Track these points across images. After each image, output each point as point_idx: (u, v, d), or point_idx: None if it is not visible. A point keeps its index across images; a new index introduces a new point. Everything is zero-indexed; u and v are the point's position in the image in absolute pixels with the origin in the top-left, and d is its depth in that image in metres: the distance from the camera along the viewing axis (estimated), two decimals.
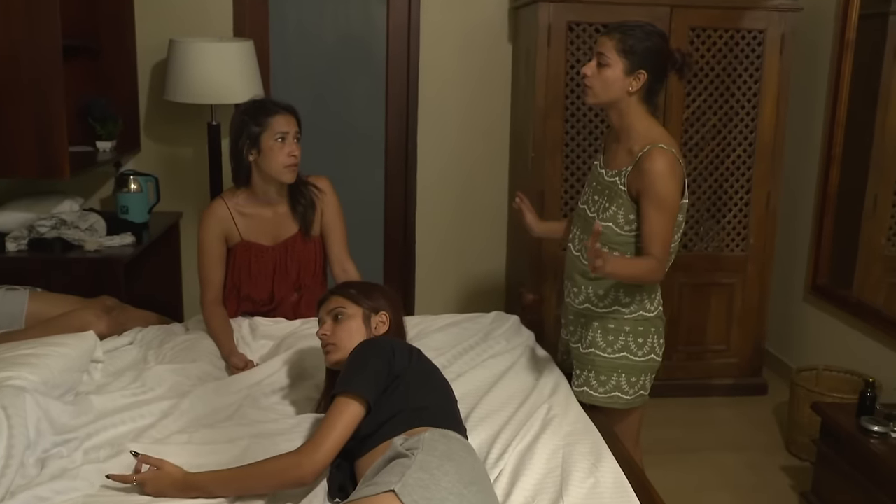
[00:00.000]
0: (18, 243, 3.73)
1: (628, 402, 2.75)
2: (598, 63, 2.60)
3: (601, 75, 2.60)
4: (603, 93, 2.62)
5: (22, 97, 3.45)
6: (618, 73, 2.58)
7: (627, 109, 2.62)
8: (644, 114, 2.64)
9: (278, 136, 3.05)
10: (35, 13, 3.38)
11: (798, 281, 4.69)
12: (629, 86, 2.58)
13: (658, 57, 2.60)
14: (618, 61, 2.57)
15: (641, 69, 2.57)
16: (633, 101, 2.61)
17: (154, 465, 2.11)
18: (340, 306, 2.40)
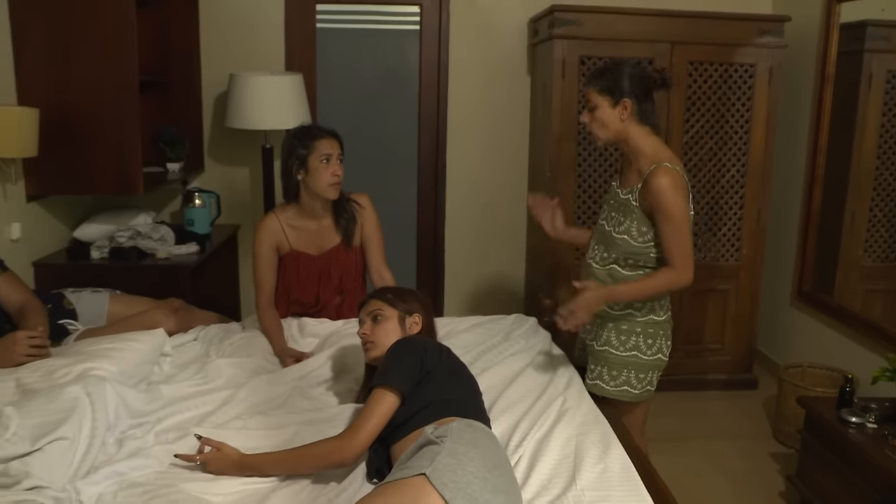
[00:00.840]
0: (101, 252, 3.78)
1: (636, 395, 2.73)
2: (588, 109, 2.64)
3: (596, 118, 2.63)
4: (603, 131, 2.64)
5: (105, 125, 3.50)
6: (606, 110, 2.60)
7: (629, 136, 2.62)
8: (647, 135, 2.62)
9: (323, 157, 3.06)
10: (117, 54, 3.44)
11: (785, 287, 4.65)
12: (620, 115, 2.59)
13: (635, 83, 2.60)
14: (602, 100, 2.60)
15: (624, 98, 2.58)
16: (631, 126, 2.61)
17: (215, 447, 2.13)
18: (379, 309, 2.40)
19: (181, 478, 2.08)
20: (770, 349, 4.82)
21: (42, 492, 1.87)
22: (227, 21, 4.46)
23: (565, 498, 1.99)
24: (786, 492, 3.50)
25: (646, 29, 4.15)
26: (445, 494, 1.69)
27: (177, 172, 4.28)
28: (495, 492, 1.77)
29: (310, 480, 2.07)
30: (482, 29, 4.63)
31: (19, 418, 2.08)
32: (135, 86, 3.49)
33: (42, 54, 3.44)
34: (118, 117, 3.49)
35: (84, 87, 3.46)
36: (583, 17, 4.09)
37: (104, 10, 3.40)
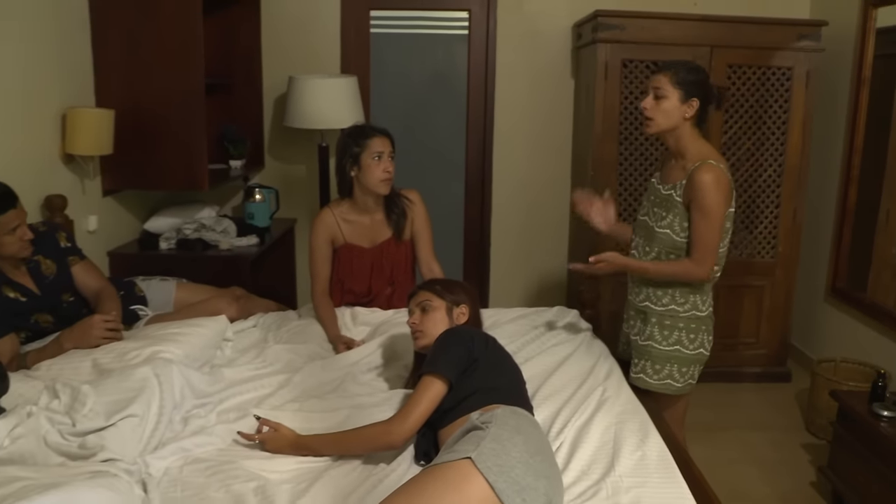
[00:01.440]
0: (169, 243, 3.85)
1: (678, 389, 2.69)
2: (655, 96, 2.56)
3: (660, 107, 2.55)
4: (664, 121, 2.57)
5: (173, 125, 3.56)
6: (674, 102, 2.53)
7: (683, 134, 2.57)
8: (696, 136, 2.59)
9: (375, 154, 3.07)
10: (185, 60, 3.51)
11: (819, 284, 4.55)
12: (685, 112, 2.54)
13: (703, 88, 2.56)
14: (673, 92, 2.53)
15: (694, 97, 2.53)
16: (687, 126, 2.56)
17: (272, 427, 2.16)
18: (427, 299, 2.40)
19: (241, 455, 2.12)
20: (804, 344, 4.73)
21: (115, 464, 1.92)
22: (286, 26, 4.49)
23: (604, 483, 1.98)
24: (817, 482, 3.44)
25: (687, 33, 4.09)
26: (489, 477, 1.69)
27: (239, 169, 4.34)
28: (537, 476, 1.77)
29: (360, 461, 2.09)
30: (528, 33, 4.61)
31: (95, 395, 2.15)
32: (201, 89, 3.55)
33: (118, 60, 3.52)
34: (186, 118, 3.56)
35: (155, 91, 3.53)
36: (626, 21, 4.05)
37: (174, 20, 3.47)
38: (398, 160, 3.18)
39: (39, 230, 2.77)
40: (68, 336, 2.59)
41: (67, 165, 3.37)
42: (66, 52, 3.34)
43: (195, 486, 1.95)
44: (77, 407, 2.12)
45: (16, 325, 2.66)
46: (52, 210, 3.16)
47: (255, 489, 1.93)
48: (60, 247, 2.86)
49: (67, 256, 2.88)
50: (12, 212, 2.52)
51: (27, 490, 1.66)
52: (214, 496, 1.90)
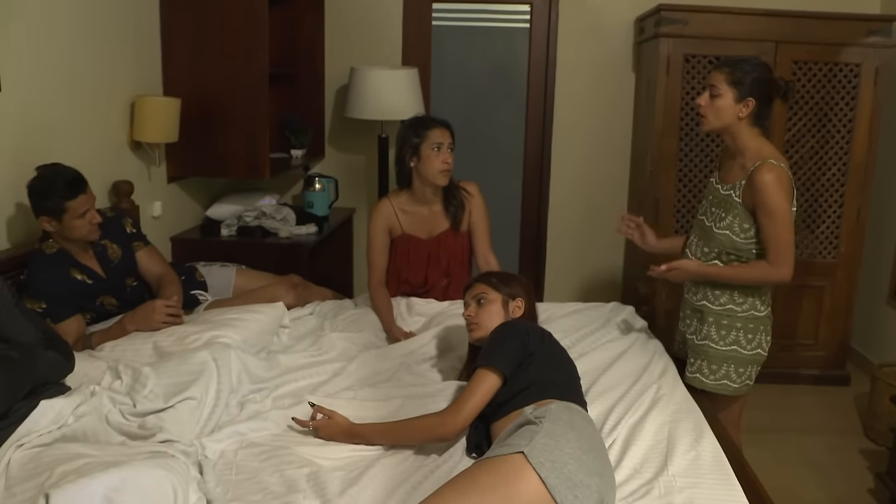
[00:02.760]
0: (230, 229, 3.89)
1: (735, 389, 2.61)
2: (711, 94, 2.49)
3: (713, 105, 2.48)
4: (716, 120, 2.49)
5: (237, 115, 3.61)
6: (728, 101, 2.45)
7: (739, 133, 2.49)
8: (755, 135, 2.50)
9: (435, 146, 3.05)
10: (250, 51, 3.55)
11: (883, 286, 4.39)
12: (739, 112, 2.46)
13: (763, 85, 2.47)
14: (728, 91, 2.45)
15: (750, 97, 2.44)
16: (743, 125, 2.48)
17: (326, 415, 2.16)
18: (483, 292, 2.36)
19: (295, 441, 2.12)
20: (864, 347, 4.57)
21: (173, 445, 1.94)
22: (349, 18, 4.50)
23: (656, 482, 1.94)
24: (875, 488, 3.32)
25: (751, 28, 3.97)
26: (541, 473, 1.66)
27: (299, 158, 4.36)
28: (590, 473, 1.73)
29: (412, 451, 2.08)
30: (589, 27, 4.53)
31: (155, 378, 2.18)
32: (265, 79, 3.58)
33: (185, 50, 3.57)
34: (249, 108, 3.59)
35: (220, 80, 3.57)
36: (689, 16, 3.95)
37: (240, 11, 3.51)
38: (457, 152, 3.15)
39: (107, 215, 2.81)
40: (131, 319, 2.64)
41: (135, 152, 3.42)
42: (136, 42, 3.39)
43: (249, 469, 1.96)
44: (138, 388, 2.15)
45: (82, 307, 2.72)
46: (119, 195, 3.21)
47: (307, 475, 1.93)
48: (126, 232, 2.91)
49: (132, 242, 2.92)
50: (82, 196, 2.57)
51: (89, 467, 1.68)
52: (268, 480, 1.90)
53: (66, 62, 2.93)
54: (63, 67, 2.91)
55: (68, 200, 2.54)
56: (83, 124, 3.04)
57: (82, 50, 3.01)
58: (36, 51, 2.76)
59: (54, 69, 2.87)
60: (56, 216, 2.55)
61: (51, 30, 2.83)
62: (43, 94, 2.82)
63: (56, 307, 2.58)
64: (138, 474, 1.67)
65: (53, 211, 2.54)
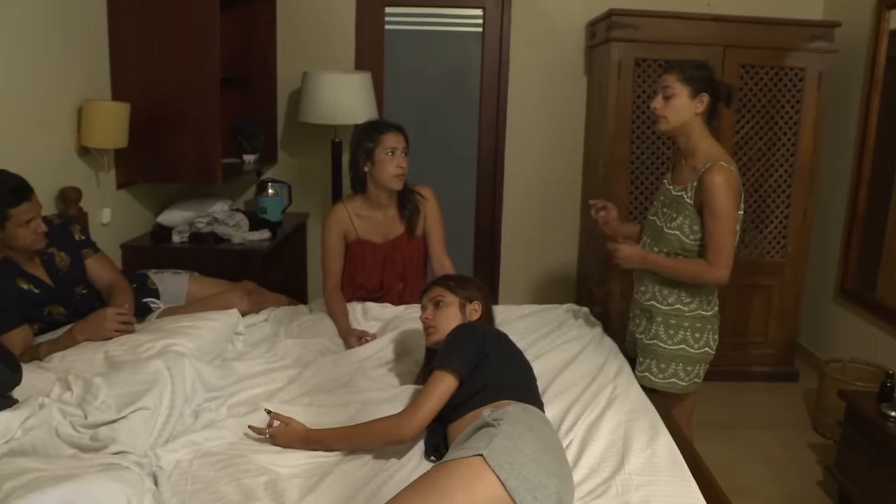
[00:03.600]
0: (181, 236, 3.83)
1: (683, 387, 2.66)
2: (665, 95, 2.53)
3: (670, 104, 2.53)
4: (675, 118, 2.53)
5: (189, 119, 3.56)
6: (684, 99, 2.51)
7: (693, 132, 2.54)
8: (707, 136, 2.56)
9: (389, 150, 3.04)
10: (202, 54, 3.51)
11: (828, 284, 4.52)
12: (695, 108, 2.51)
13: (714, 85, 2.54)
14: (682, 89, 2.50)
15: (703, 92, 2.51)
16: (698, 122, 2.54)
17: (283, 422, 2.14)
18: (440, 295, 2.37)
19: (252, 449, 2.10)
20: (812, 344, 4.69)
21: (127, 456, 1.91)
22: (302, 22, 4.47)
23: (614, 481, 1.96)
24: (824, 481, 3.41)
25: (700, 33, 4.05)
26: (501, 475, 1.67)
27: (252, 163, 4.32)
28: (549, 474, 1.74)
29: (371, 456, 2.07)
30: (542, 31, 4.57)
31: (107, 388, 2.14)
32: (217, 83, 3.54)
33: (134, 54, 3.51)
34: (201, 112, 3.54)
35: (171, 84, 3.52)
36: (640, 20, 4.01)
37: (191, 13, 3.46)
38: (411, 156, 3.15)
39: (54, 223, 2.75)
40: (81, 328, 2.58)
41: (83, 158, 3.36)
42: (83, 45, 3.33)
43: (205, 479, 1.93)
44: (89, 399, 2.11)
45: (29, 317, 2.65)
46: (67, 202, 3.15)
47: (265, 483, 1.91)
48: (75, 239, 2.85)
49: (81, 249, 2.86)
50: (26, 204, 2.51)
51: (39, 482, 1.64)
52: (225, 490, 1.88)
53: (9, 65, 2.85)
54: (5, 71, 2.83)
55: (11, 208, 2.47)
56: (28, 129, 2.97)
57: (25, 53, 2.94)
58: None
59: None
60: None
61: None
62: None
63: (1, 317, 2.51)
64: (91, 487, 1.63)
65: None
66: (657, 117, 2.57)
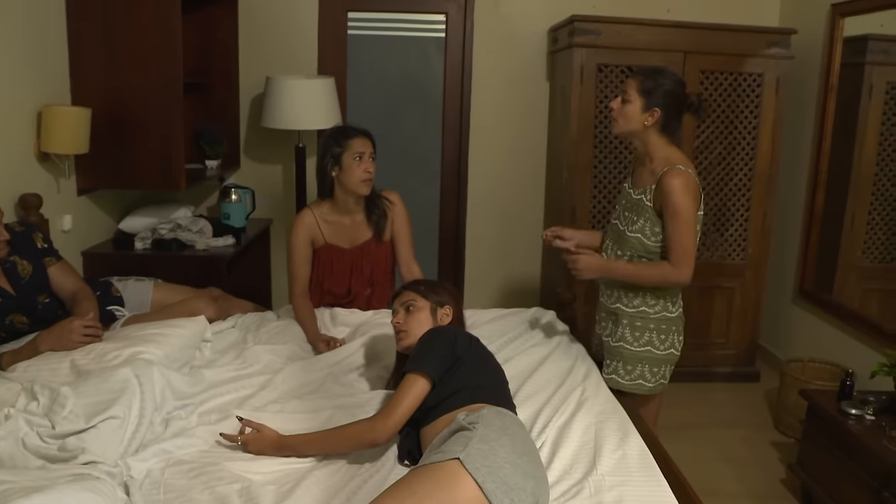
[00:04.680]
0: (144, 243, 3.79)
1: (650, 389, 2.70)
2: (623, 99, 2.58)
3: (623, 109, 2.58)
4: (624, 124, 2.59)
5: (150, 125, 3.52)
6: (636, 108, 2.55)
7: (647, 139, 2.59)
8: (663, 143, 2.59)
9: (356, 155, 3.05)
10: (163, 59, 3.47)
11: (788, 286, 4.62)
12: (645, 120, 2.55)
13: (673, 98, 2.56)
14: (637, 99, 2.55)
15: (655, 107, 2.54)
16: (650, 132, 2.57)
17: (255, 428, 2.13)
18: (412, 300, 2.38)
19: (224, 457, 2.09)
20: (772, 344, 4.79)
21: (97, 466, 1.89)
22: (264, 27, 4.46)
23: (586, 482, 1.99)
24: (786, 479, 3.49)
25: (661, 39, 4.13)
26: (478, 478, 1.69)
27: (215, 169, 4.29)
28: (525, 476, 1.77)
29: (345, 461, 2.07)
30: (504, 37, 4.62)
31: (75, 398, 2.11)
32: (179, 88, 3.50)
33: (94, 58, 3.46)
34: (163, 118, 3.51)
35: (132, 89, 3.48)
36: (601, 26, 4.07)
37: (152, 18, 3.42)
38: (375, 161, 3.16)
39: (16, 230, 2.71)
40: (45, 339, 2.52)
41: (42, 164, 3.30)
42: (42, 49, 3.27)
43: (178, 488, 1.91)
44: (56, 409, 2.08)
45: None
46: (27, 209, 3.10)
47: (239, 491, 1.90)
48: (37, 248, 2.81)
49: (44, 258, 2.82)
50: None
51: (8, 494, 1.62)
52: (198, 498, 1.87)
53: None
54: None
55: None
56: None
57: None
58: None
59: None
60: None
61: None
62: None
63: None
64: (63, 498, 1.62)
65: None
66: (613, 118, 2.64)
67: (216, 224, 4.07)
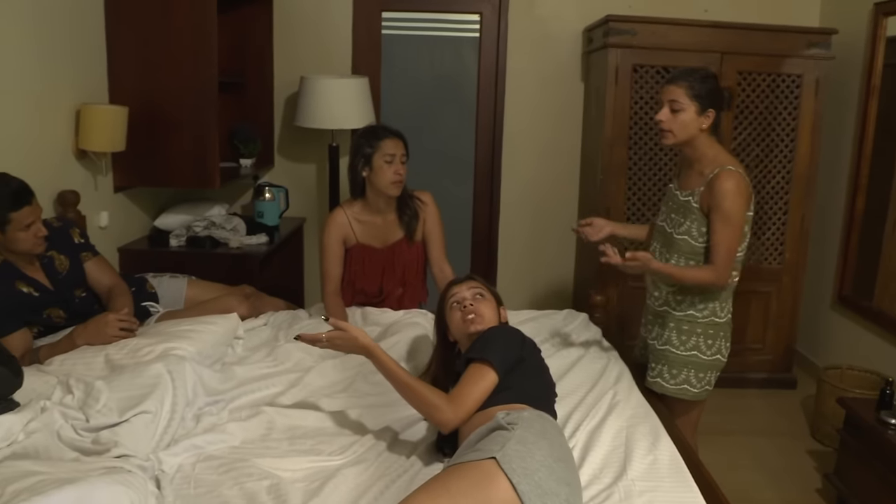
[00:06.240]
0: (179, 240, 3.84)
1: (695, 394, 2.67)
2: (672, 109, 2.52)
3: (677, 119, 2.52)
4: (681, 134, 2.53)
5: (186, 123, 3.57)
6: (692, 115, 2.50)
7: (699, 143, 2.55)
8: (712, 143, 2.56)
9: (387, 157, 3.06)
10: (199, 58, 3.51)
11: (826, 291, 4.54)
12: (702, 124, 2.51)
13: (719, 95, 2.54)
14: (690, 104, 2.50)
15: (710, 108, 2.51)
16: (703, 135, 2.55)
17: (341, 329, 2.10)
18: (481, 290, 2.37)
19: (253, 453, 2.10)
20: (809, 350, 4.72)
21: (129, 460, 1.91)
22: (299, 26, 4.49)
23: (616, 487, 1.97)
24: (823, 489, 3.42)
25: (697, 39, 4.08)
26: (513, 479, 1.68)
27: (249, 168, 4.33)
28: (559, 482, 1.75)
29: (374, 461, 2.08)
30: (539, 37, 4.60)
31: (109, 392, 2.14)
32: (215, 87, 3.55)
33: (132, 58, 3.52)
34: (198, 116, 3.55)
35: (168, 88, 3.53)
36: (637, 26, 4.04)
37: (189, 18, 3.47)
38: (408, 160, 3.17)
39: (54, 226, 2.76)
40: (81, 333, 2.58)
41: (80, 161, 3.36)
42: (81, 48, 3.33)
43: (208, 483, 1.93)
44: (90, 402, 2.12)
45: (28, 320, 2.65)
46: (65, 205, 3.15)
47: (268, 487, 1.91)
48: (74, 243, 2.86)
49: (81, 253, 2.87)
50: (27, 208, 2.51)
51: (43, 485, 1.65)
52: (227, 494, 1.88)
53: (8, 69, 2.86)
54: (4, 75, 2.84)
55: (12, 212, 2.48)
56: (26, 133, 2.97)
57: (23, 57, 2.94)
58: None
59: None
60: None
61: None
62: None
63: (1, 320, 2.51)
64: (95, 491, 1.64)
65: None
66: (662, 131, 2.56)
67: (250, 222, 4.10)
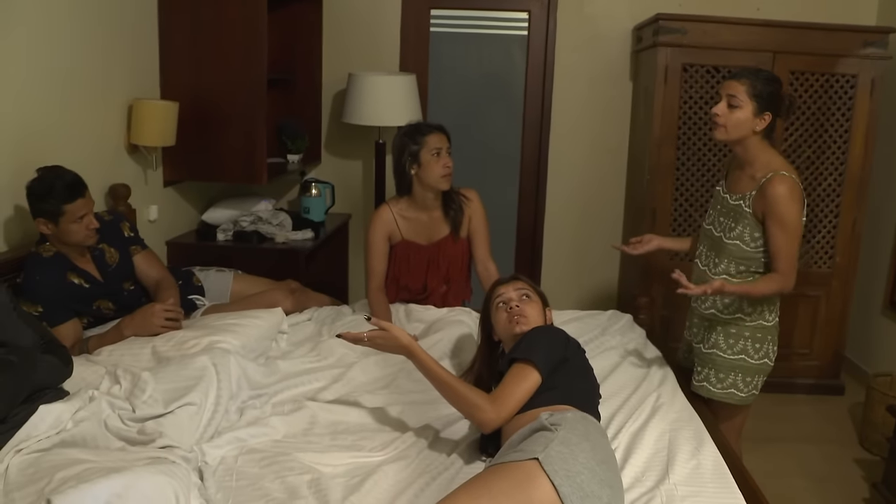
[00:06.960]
0: (226, 234, 3.88)
1: (742, 399, 2.62)
2: (729, 104, 2.47)
3: (732, 116, 2.46)
4: (734, 131, 2.48)
5: (235, 119, 3.60)
6: (747, 114, 2.44)
7: (751, 144, 2.49)
8: (765, 146, 2.50)
9: (434, 151, 3.05)
10: (249, 55, 3.55)
11: (877, 296, 4.42)
12: (756, 125, 2.45)
13: (779, 100, 2.48)
14: (748, 103, 2.44)
15: (767, 111, 2.45)
16: (756, 137, 2.49)
17: (382, 328, 2.12)
18: (527, 291, 2.36)
19: (295, 448, 2.11)
20: (859, 357, 4.59)
21: (173, 451, 1.94)
22: (347, 24, 4.50)
23: (658, 491, 1.94)
24: (870, 498, 3.33)
25: (749, 38, 4.00)
26: (555, 480, 1.66)
27: (296, 163, 4.35)
28: (602, 485, 1.73)
29: (414, 458, 2.07)
30: (587, 36, 4.55)
31: (155, 383, 2.17)
32: (263, 84, 3.58)
33: (183, 54, 3.56)
34: (247, 112, 3.59)
35: (219, 85, 3.57)
36: (687, 25, 3.97)
37: (239, 15, 3.51)
38: (454, 159, 3.16)
39: (105, 219, 2.80)
40: (128, 323, 2.62)
41: (131, 155, 3.41)
42: (134, 44, 3.39)
43: (250, 476, 1.95)
44: (137, 393, 2.15)
45: (78, 311, 2.70)
46: (116, 199, 3.20)
47: (309, 482, 1.92)
48: (124, 236, 2.90)
49: (130, 246, 2.91)
50: (80, 201, 2.56)
51: (90, 472, 1.67)
52: (269, 487, 1.89)
53: (64, 65, 2.92)
54: (60, 70, 2.90)
55: (66, 204, 2.52)
56: (80, 127, 3.03)
57: (79, 52, 3.00)
58: (34, 53, 2.75)
59: (52, 71, 2.85)
60: (53, 219, 2.54)
61: (48, 33, 2.82)
62: (40, 97, 2.81)
63: (52, 311, 2.56)
64: (140, 480, 1.66)
65: (51, 214, 2.52)
66: (716, 124, 2.51)
67: (296, 217, 4.12)
